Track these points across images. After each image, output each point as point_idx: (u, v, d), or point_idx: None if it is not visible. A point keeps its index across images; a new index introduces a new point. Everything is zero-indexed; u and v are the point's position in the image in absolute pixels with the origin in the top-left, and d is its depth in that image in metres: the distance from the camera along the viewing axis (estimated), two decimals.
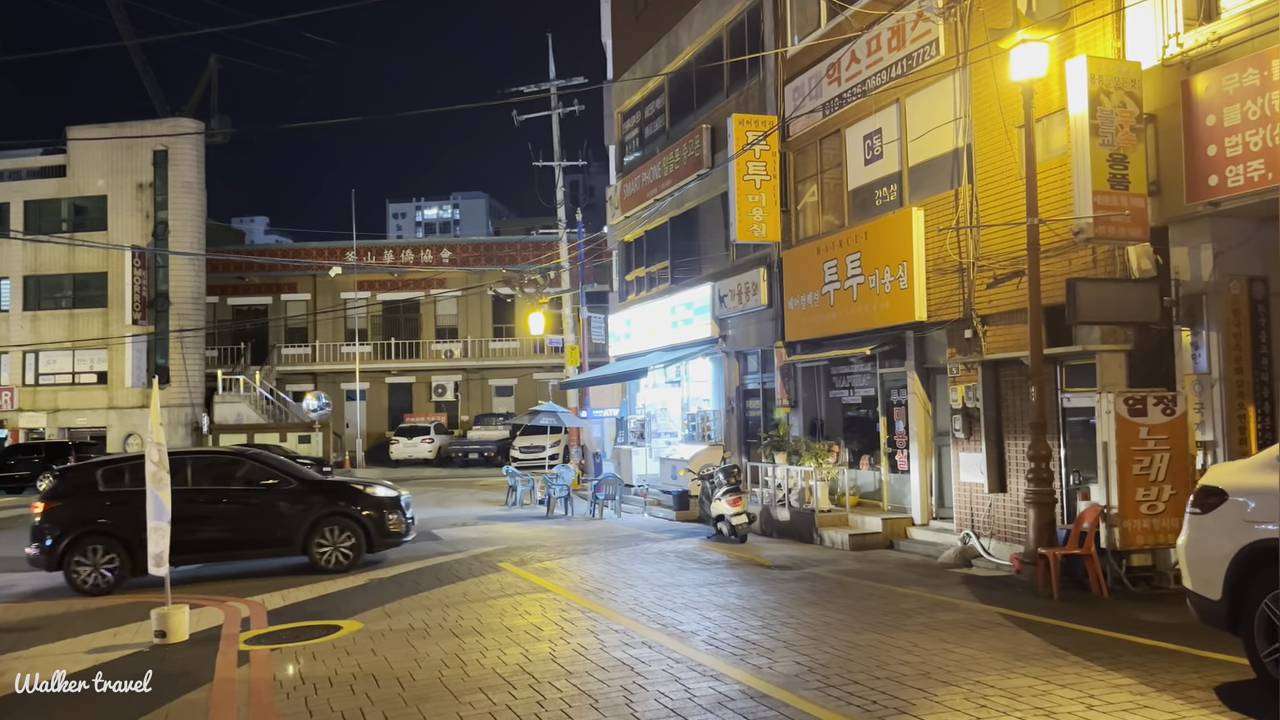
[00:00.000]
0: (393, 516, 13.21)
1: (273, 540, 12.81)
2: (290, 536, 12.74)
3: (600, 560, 12.89)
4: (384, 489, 13.59)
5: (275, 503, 12.82)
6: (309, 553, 12.76)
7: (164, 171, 38.88)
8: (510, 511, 21.14)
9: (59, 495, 12.56)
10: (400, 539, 13.37)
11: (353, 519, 12.94)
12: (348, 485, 13.74)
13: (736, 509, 14.68)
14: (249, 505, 12.84)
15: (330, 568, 12.68)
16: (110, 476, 12.64)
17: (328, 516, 12.86)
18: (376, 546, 13.10)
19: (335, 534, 12.85)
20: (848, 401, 16.48)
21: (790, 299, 16.84)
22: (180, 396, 38.38)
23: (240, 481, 13.09)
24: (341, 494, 13.26)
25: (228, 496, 12.89)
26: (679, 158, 21.05)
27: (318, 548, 12.76)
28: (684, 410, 21.73)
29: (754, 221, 17.05)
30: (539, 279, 32.56)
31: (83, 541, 11.95)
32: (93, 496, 12.39)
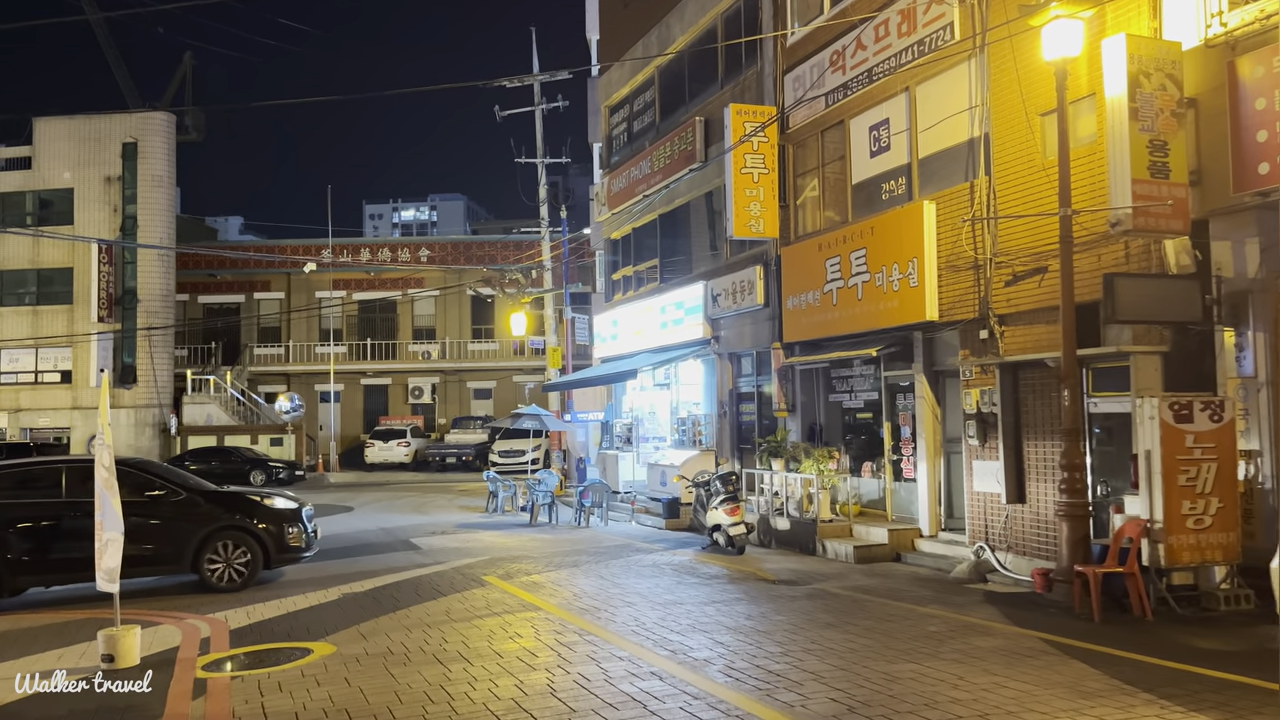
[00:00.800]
0: (293, 530, 12.11)
1: (158, 557, 11.58)
2: (178, 553, 11.58)
3: (592, 573, 12.04)
4: (283, 500, 12.52)
5: (161, 516, 11.66)
6: (199, 570, 11.63)
7: (133, 164, 37.67)
8: (491, 519, 20.25)
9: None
10: (300, 554, 12.32)
11: (248, 533, 11.83)
12: (243, 496, 12.62)
13: (734, 519, 13.88)
14: (131, 519, 11.37)
15: (222, 586, 11.59)
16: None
17: (221, 530, 11.75)
18: (275, 562, 12.07)
19: (229, 549, 11.72)
20: (849, 406, 15.74)
21: (789, 298, 16.07)
22: (148, 397, 37.17)
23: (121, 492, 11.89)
24: (236, 506, 12.17)
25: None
26: (670, 152, 20.27)
27: (209, 564, 11.62)
28: (673, 414, 20.92)
29: (751, 217, 16.27)
30: (520, 278, 31.68)
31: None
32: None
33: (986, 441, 12.12)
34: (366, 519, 20.40)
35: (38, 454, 34.70)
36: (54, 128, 38.45)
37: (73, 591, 11.70)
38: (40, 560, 11.21)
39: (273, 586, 11.80)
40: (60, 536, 11.19)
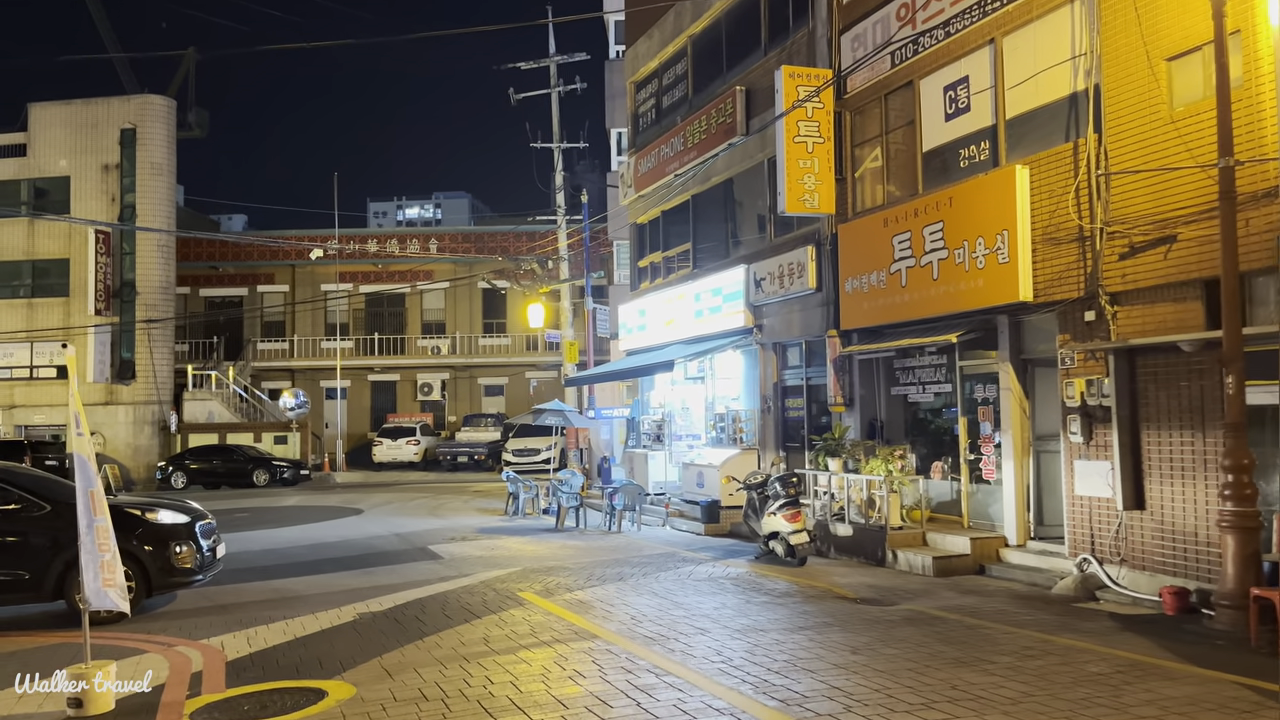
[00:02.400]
0: (181, 550, 10.17)
1: (11, 583, 9.76)
2: (37, 578, 9.75)
3: (643, 589, 10.52)
4: (170, 514, 10.56)
5: (16, 533, 9.87)
6: (65, 597, 9.73)
7: (132, 152, 36.14)
8: (513, 523, 18.74)
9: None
10: (191, 577, 10.32)
11: (125, 553, 9.44)
12: (119, 510, 10.11)
13: (796, 526, 12.35)
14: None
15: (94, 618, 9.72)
16: None
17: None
18: (157, 588, 10.13)
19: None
20: (915, 400, 14.20)
21: (847, 280, 14.54)
22: (147, 393, 35.66)
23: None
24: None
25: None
26: (706, 126, 18.73)
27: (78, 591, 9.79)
28: (708, 410, 19.39)
29: (805, 190, 14.74)
30: (537, 269, 30.14)
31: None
32: None
33: (1093, 438, 10.59)
34: (378, 523, 18.90)
35: (31, 452, 33.35)
36: (50, 113, 36.95)
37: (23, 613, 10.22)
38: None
39: (279, 604, 10.30)
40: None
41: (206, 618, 9.70)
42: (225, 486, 30.88)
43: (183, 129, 39.23)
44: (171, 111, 37.37)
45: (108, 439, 35.22)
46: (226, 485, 30.94)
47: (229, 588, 11.42)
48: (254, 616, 9.59)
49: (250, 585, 11.57)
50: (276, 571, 12.66)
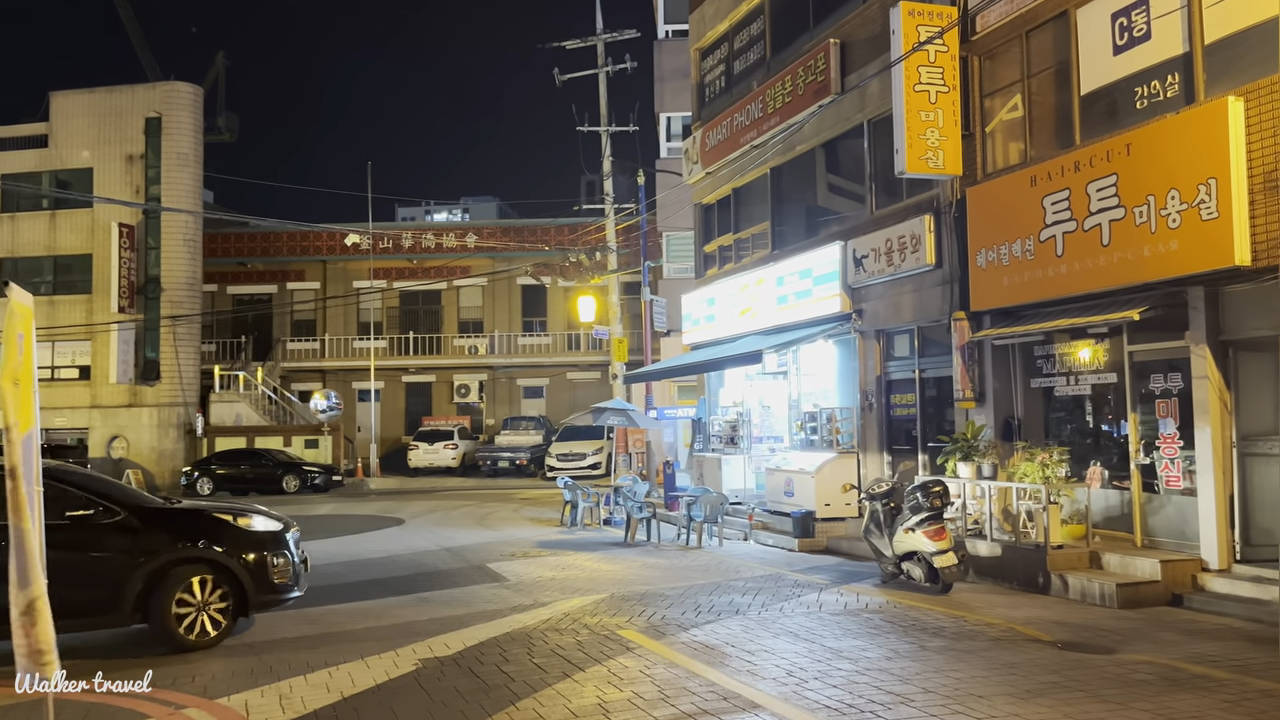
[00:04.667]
0: (278, 561, 8.75)
1: (83, 605, 7.98)
2: (113, 597, 8.16)
3: (773, 626, 8.37)
4: (263, 520, 9.15)
5: (87, 545, 8.25)
6: (152, 619, 8.26)
7: (156, 142, 34.48)
8: (573, 535, 16.65)
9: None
10: (288, 593, 8.91)
11: (219, 566, 8.49)
12: (206, 514, 9.14)
13: (940, 545, 10.14)
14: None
15: (193, 642, 8.24)
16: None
17: (179, 564, 8.39)
18: (255, 607, 8.69)
19: (203, 590, 8.39)
20: (1064, 393, 11.98)
21: (978, 253, 12.33)
22: (172, 395, 33.92)
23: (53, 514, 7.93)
24: (197, 529, 8.74)
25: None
26: (791, 87, 16.59)
27: (177, 609, 8.23)
28: (793, 409, 17.20)
29: (927, 147, 12.55)
30: (585, 260, 28.09)
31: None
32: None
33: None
34: (423, 535, 16.87)
35: (52, 456, 31.67)
36: (72, 102, 35.40)
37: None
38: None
39: (318, 642, 8.24)
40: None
41: (227, 662, 7.66)
42: (253, 493, 28.96)
43: (212, 133, 37.67)
44: (198, 99, 35.71)
45: (131, 442, 33.53)
46: (255, 492, 29.02)
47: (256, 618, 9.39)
48: (287, 662, 7.53)
49: (282, 615, 9.52)
50: (312, 596, 10.59)
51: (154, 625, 8.31)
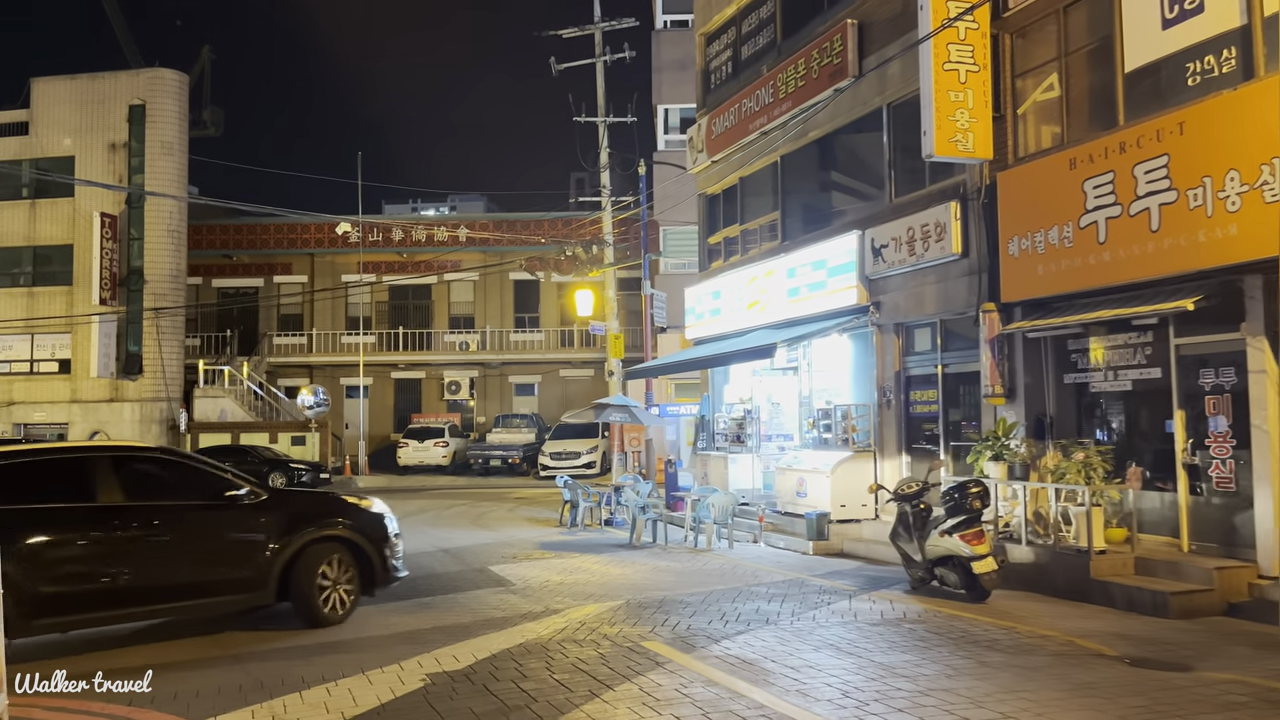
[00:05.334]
0: (397, 542, 9.43)
1: (231, 582, 8.41)
2: (260, 574, 8.47)
3: (810, 638, 7.69)
4: (379, 503, 9.69)
5: (242, 524, 8.59)
6: (295, 596, 8.62)
7: (140, 129, 33.56)
8: (575, 536, 15.95)
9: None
10: (400, 573, 9.47)
11: (354, 546, 8.99)
12: (338, 498, 9.82)
13: (979, 550, 9.49)
14: (204, 526, 8.42)
15: (328, 616, 8.67)
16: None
17: (320, 542, 8.76)
18: (379, 584, 9.22)
19: (336, 568, 8.84)
20: (1100, 389, 11.36)
21: (1010, 241, 11.70)
22: (155, 389, 33.03)
23: (184, 492, 8.55)
24: (333, 509, 9.33)
25: (163, 516, 8.16)
26: (805, 71, 15.93)
27: (319, 587, 8.68)
28: (803, 406, 16.54)
29: (957, 130, 11.91)
30: (581, 253, 27.36)
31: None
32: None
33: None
34: (418, 536, 16.10)
35: None
36: (54, 89, 34.48)
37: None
38: (69, 593, 7.57)
39: (312, 653, 7.53)
40: (96, 558, 7.76)
41: (215, 675, 6.93)
42: None
43: (197, 127, 36.73)
44: (183, 87, 34.84)
45: (112, 438, 32.48)
46: None
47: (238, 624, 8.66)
48: (280, 676, 6.81)
49: (271, 620, 8.79)
50: None
51: (297, 601, 8.65)
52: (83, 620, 7.75)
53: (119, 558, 7.81)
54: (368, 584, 9.11)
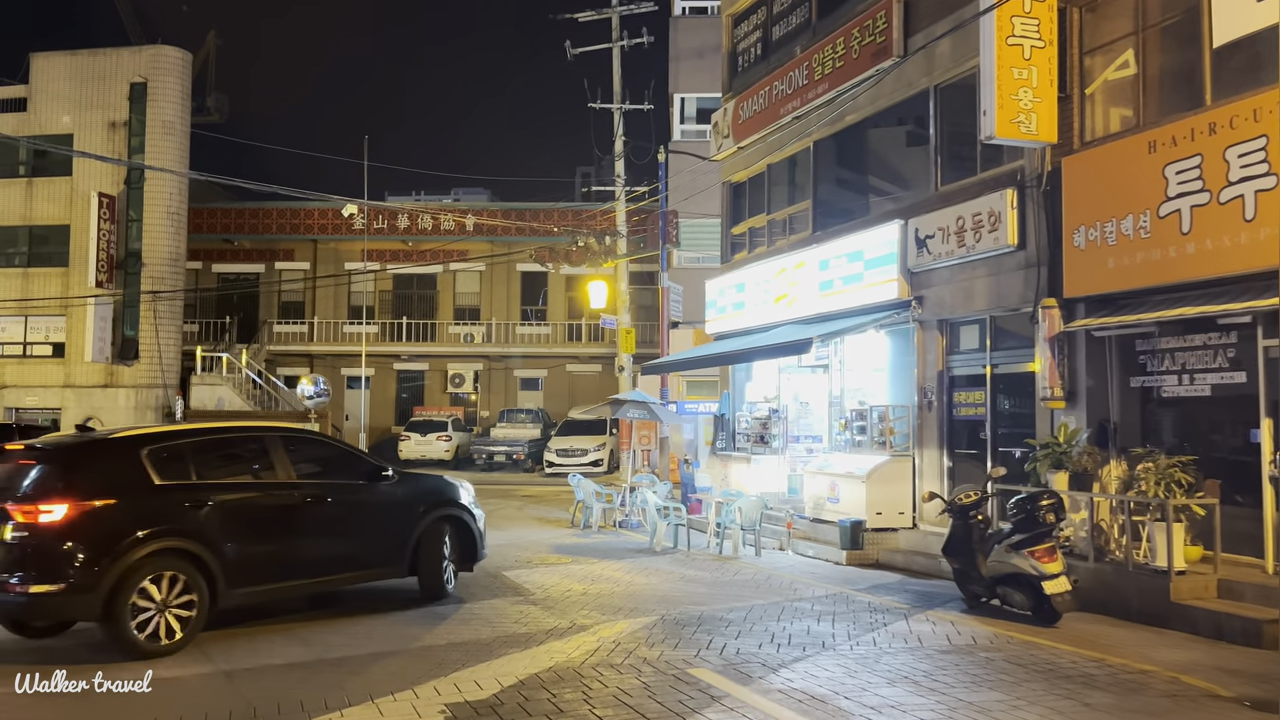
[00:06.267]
0: (483, 523, 10.25)
1: (377, 556, 9.11)
2: (399, 550, 9.19)
3: (876, 667, 6.81)
4: (467, 484, 10.48)
5: (385, 502, 9.25)
6: (424, 571, 9.33)
7: (142, 108, 32.60)
8: (589, 538, 15.07)
9: (94, 492, 7.33)
10: (484, 552, 10.29)
11: (462, 524, 9.79)
12: (443, 478, 10.44)
13: (1052, 569, 8.60)
14: (359, 504, 9.09)
15: (438, 594, 9.39)
16: (167, 461, 7.88)
17: (440, 520, 9.54)
18: (476, 559, 10.06)
19: (451, 544, 9.62)
20: (1171, 393, 10.46)
21: (1075, 232, 10.80)
22: (151, 376, 32.07)
23: (339, 472, 9.21)
24: (445, 488, 10.05)
25: (334, 492, 8.93)
26: (844, 51, 15.03)
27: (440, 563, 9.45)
28: (833, 405, 15.64)
29: (1020, 110, 10.99)
30: (594, 244, 26.45)
31: (145, 568, 7.25)
32: (147, 494, 7.63)
33: None
34: None
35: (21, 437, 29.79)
36: (53, 65, 33.50)
37: None
38: (260, 563, 8.11)
39: (314, 672, 6.65)
40: (279, 531, 8.37)
41: (201, 698, 6.03)
42: None
43: (201, 113, 35.77)
44: (187, 66, 33.87)
45: (106, 425, 31.59)
46: None
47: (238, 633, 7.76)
48: (276, 700, 5.93)
49: (267, 630, 7.90)
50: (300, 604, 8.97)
51: (424, 576, 9.31)
52: (267, 590, 8.21)
53: (296, 531, 8.41)
54: (468, 559, 9.83)
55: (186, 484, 7.82)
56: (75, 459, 7.63)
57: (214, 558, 7.58)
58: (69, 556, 6.98)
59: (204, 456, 8.18)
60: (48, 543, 6.98)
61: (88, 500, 7.20)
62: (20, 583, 6.95)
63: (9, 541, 7.01)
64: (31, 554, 6.99)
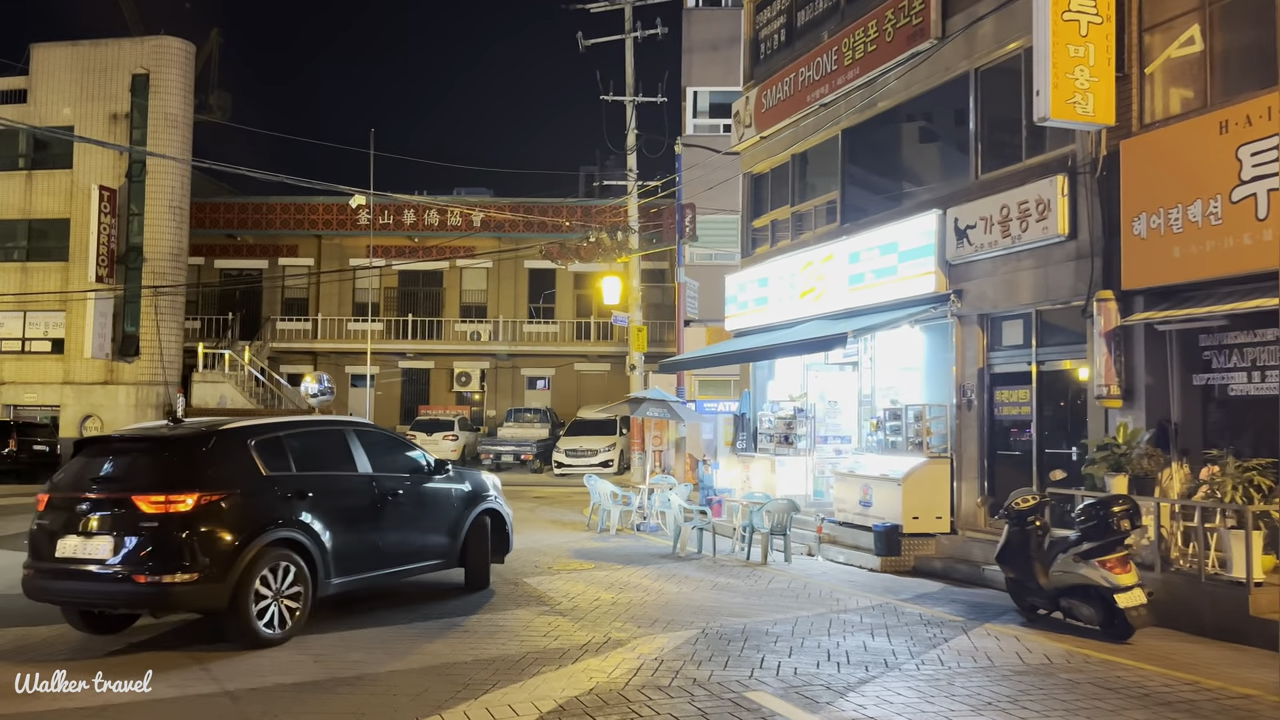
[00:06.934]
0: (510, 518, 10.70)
1: (437, 548, 9.39)
2: (454, 541, 9.54)
3: (959, 694, 6.16)
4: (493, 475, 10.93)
5: (445, 495, 9.59)
6: (472, 561, 9.74)
7: (144, 100, 31.95)
8: (609, 542, 14.42)
9: (217, 482, 7.42)
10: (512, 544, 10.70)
11: (498, 516, 10.21)
12: (482, 473, 10.63)
13: (1123, 580, 7.94)
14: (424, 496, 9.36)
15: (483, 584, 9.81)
16: (270, 453, 7.99)
17: (484, 513, 9.91)
18: (508, 550, 10.49)
19: (492, 536, 10.02)
20: (1239, 391, 9.80)
21: (1135, 219, 10.15)
22: (151, 373, 31.40)
23: (405, 464, 9.41)
24: (485, 483, 10.30)
25: (405, 484, 9.14)
26: (876, 34, 14.38)
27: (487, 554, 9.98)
28: (863, 404, 14.98)
29: (1076, 90, 10.33)
30: (606, 239, 25.79)
31: (265, 557, 7.42)
32: (261, 484, 7.78)
33: None
34: None
35: (18, 435, 29.16)
36: (54, 55, 32.85)
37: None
38: (353, 552, 8.33)
39: (327, 692, 5.97)
40: (366, 521, 8.59)
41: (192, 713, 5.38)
42: None
43: (204, 112, 35.10)
44: (190, 57, 33.21)
45: (105, 422, 30.97)
46: None
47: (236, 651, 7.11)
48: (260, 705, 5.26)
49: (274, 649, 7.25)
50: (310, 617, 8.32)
51: (472, 568, 9.70)
52: (357, 581, 8.37)
53: (379, 522, 8.62)
54: (500, 550, 10.15)
55: (288, 475, 7.92)
56: (197, 449, 7.61)
57: (316, 548, 7.77)
58: (201, 546, 7.04)
59: (298, 448, 8.26)
60: (179, 533, 7.02)
61: (214, 490, 7.29)
62: (150, 573, 6.93)
63: (138, 532, 7.01)
64: (163, 544, 6.99)
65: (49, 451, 29.93)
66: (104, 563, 6.99)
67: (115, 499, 7.21)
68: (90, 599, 7.29)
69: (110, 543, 7.02)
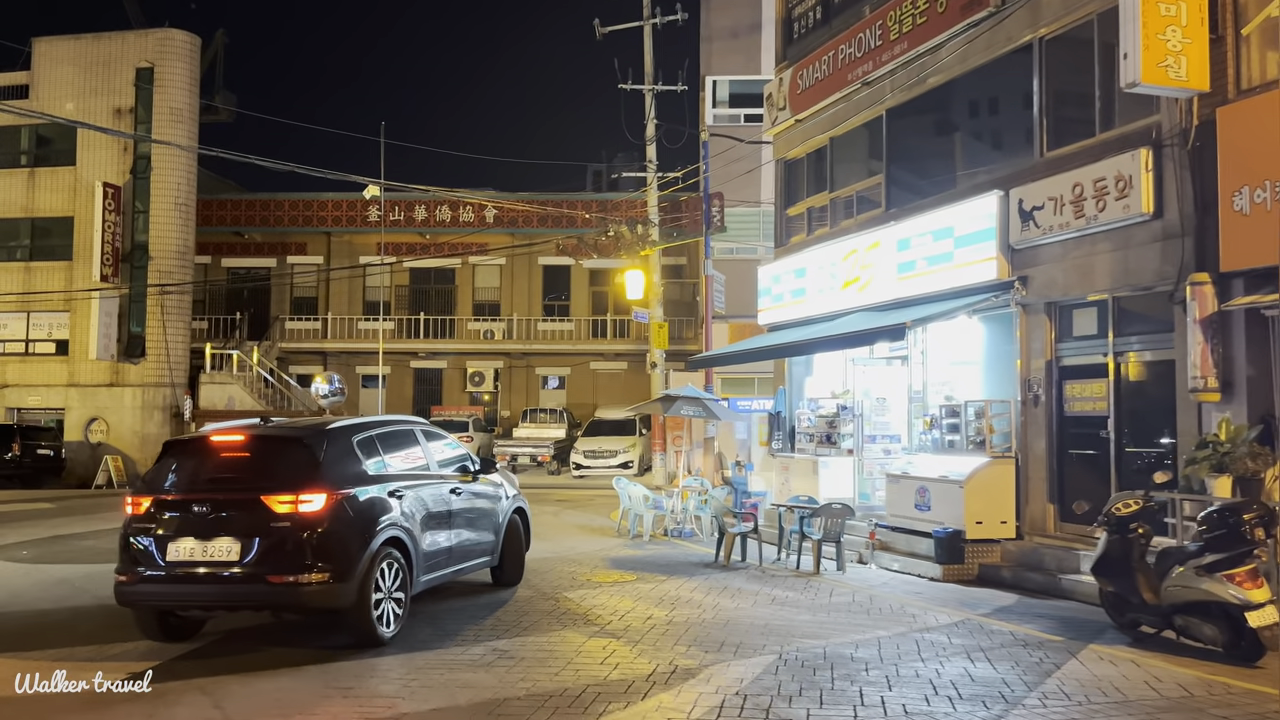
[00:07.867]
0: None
1: (484, 546, 9.54)
2: (497, 539, 9.76)
3: None
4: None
5: (490, 494, 9.82)
6: (507, 560, 9.97)
7: (148, 94, 31.11)
8: (644, 550, 13.53)
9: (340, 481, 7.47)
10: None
11: (524, 515, 10.52)
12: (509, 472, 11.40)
13: (1255, 597, 7.00)
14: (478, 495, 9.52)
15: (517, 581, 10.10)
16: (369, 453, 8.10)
17: (516, 511, 10.21)
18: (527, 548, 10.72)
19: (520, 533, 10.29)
20: None
21: (1235, 194, 9.23)
22: (158, 374, 30.58)
23: (460, 463, 9.51)
24: (511, 479, 10.86)
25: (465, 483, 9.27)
26: (924, 6, 13.46)
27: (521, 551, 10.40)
28: (914, 401, 14.04)
29: (1168, 52, 9.41)
30: (626, 232, 24.88)
31: (381, 556, 7.52)
32: (369, 483, 7.86)
33: None
34: None
35: (22, 438, 28.37)
36: (56, 49, 32.03)
37: None
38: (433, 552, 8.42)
39: None
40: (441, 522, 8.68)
41: None
42: None
43: (209, 113, 34.26)
44: (195, 50, 32.36)
45: (111, 425, 30.20)
46: None
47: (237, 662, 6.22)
48: None
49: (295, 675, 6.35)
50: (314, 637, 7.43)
51: (507, 565, 9.91)
52: (436, 579, 8.46)
53: (450, 520, 8.74)
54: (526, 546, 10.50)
55: (386, 474, 8.00)
56: (318, 449, 7.52)
57: (414, 546, 7.88)
58: (331, 546, 7.04)
59: (388, 448, 8.32)
60: (310, 533, 6.98)
61: (337, 489, 7.29)
62: (281, 574, 6.89)
63: (269, 533, 6.95)
64: (295, 545, 6.95)
65: (54, 456, 29.14)
66: (231, 565, 6.90)
67: (239, 500, 7.12)
68: (214, 602, 7.19)
69: (237, 544, 6.92)
